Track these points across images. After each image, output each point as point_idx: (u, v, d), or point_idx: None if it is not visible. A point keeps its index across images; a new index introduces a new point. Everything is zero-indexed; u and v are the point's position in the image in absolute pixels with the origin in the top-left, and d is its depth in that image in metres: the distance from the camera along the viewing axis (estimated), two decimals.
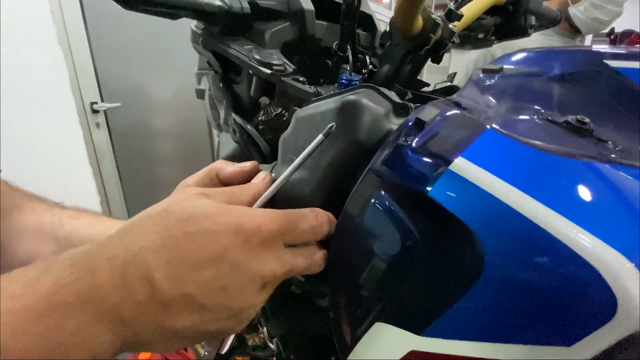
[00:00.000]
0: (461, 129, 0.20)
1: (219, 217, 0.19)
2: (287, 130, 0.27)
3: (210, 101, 0.43)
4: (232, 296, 0.19)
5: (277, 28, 0.36)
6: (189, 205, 0.20)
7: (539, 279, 0.16)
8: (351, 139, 0.23)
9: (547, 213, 0.16)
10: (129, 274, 0.17)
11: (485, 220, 0.17)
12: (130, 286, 0.17)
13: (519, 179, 0.17)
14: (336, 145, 0.24)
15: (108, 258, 0.17)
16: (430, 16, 0.34)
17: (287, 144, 0.27)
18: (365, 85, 0.26)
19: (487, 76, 0.30)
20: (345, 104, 0.24)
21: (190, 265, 0.18)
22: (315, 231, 0.22)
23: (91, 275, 0.16)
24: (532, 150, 0.19)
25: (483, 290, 0.17)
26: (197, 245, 0.18)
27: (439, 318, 0.19)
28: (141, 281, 0.17)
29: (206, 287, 0.18)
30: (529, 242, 0.16)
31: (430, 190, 0.18)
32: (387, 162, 0.20)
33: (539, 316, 0.17)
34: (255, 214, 0.20)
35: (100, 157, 1.52)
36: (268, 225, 0.19)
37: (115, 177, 1.59)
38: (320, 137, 0.23)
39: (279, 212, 0.21)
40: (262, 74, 0.31)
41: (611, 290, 0.15)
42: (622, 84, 0.26)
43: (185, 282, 0.17)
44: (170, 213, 0.19)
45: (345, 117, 0.24)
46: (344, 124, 0.23)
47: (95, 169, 1.51)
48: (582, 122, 0.24)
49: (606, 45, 0.29)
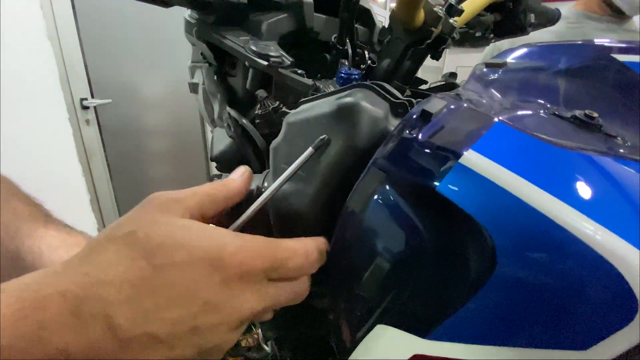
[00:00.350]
0: (469, 122, 0.19)
1: (195, 247, 0.17)
2: (279, 136, 0.24)
3: (204, 95, 0.42)
4: (203, 336, 0.17)
5: (275, 19, 0.35)
6: (159, 229, 0.17)
7: (552, 278, 0.15)
8: (350, 146, 0.22)
9: (562, 208, 0.15)
10: (82, 311, 0.15)
11: (498, 216, 0.16)
12: (83, 325, 0.15)
13: (532, 172, 0.16)
14: (333, 153, 0.22)
15: (60, 292, 0.15)
16: (433, 9, 0.33)
17: (279, 151, 0.24)
18: (361, 84, 0.24)
19: (491, 70, 0.30)
20: (342, 107, 0.22)
21: (156, 303, 0.16)
22: (304, 270, 0.20)
23: (39, 313, 0.14)
24: (543, 144, 0.18)
25: (494, 290, 0.16)
26: (167, 280, 0.16)
27: (446, 320, 0.18)
28: (96, 320, 0.15)
29: (174, 326, 0.16)
30: (543, 239, 0.15)
31: (439, 185, 0.17)
32: (392, 156, 0.19)
33: (552, 318, 0.16)
34: (238, 245, 0.18)
35: (90, 154, 1.48)
36: (251, 261, 0.17)
37: (105, 174, 1.56)
38: (310, 150, 0.21)
39: (266, 246, 0.18)
40: (259, 65, 0.30)
41: (632, 290, 0.14)
42: (631, 79, 0.25)
43: (150, 321, 0.15)
44: (136, 239, 0.16)
45: (342, 122, 0.21)
46: (341, 129, 0.21)
47: (84, 166, 1.47)
48: (590, 117, 0.23)
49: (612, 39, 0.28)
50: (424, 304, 0.19)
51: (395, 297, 0.20)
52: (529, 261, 0.16)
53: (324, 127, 0.22)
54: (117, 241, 0.17)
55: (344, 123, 0.21)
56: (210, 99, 0.41)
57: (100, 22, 1.44)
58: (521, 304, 0.16)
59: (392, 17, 0.35)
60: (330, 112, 0.22)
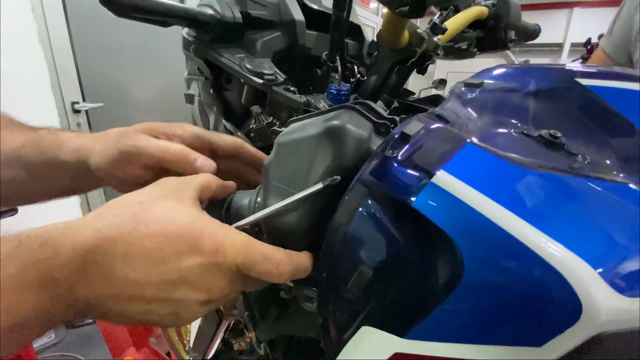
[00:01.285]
0: (443, 143, 0.21)
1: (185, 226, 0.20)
2: (271, 155, 0.26)
3: (199, 106, 0.43)
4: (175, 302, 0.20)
5: (269, 37, 0.37)
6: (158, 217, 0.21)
7: (512, 284, 0.18)
8: (336, 164, 0.24)
9: (519, 224, 0.17)
10: (89, 260, 0.19)
11: (464, 230, 0.18)
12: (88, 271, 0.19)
13: (495, 192, 0.18)
14: (321, 172, 0.24)
15: (73, 244, 0.19)
16: (416, 31, 0.36)
17: (272, 170, 0.26)
18: (346, 106, 0.26)
19: (469, 90, 0.32)
20: (329, 129, 0.24)
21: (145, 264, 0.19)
22: (271, 278, 0.23)
23: (55, 258, 0.18)
24: (507, 164, 0.20)
25: (462, 294, 0.18)
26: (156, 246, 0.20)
27: (422, 321, 0.20)
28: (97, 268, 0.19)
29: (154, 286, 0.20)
30: (504, 251, 0.18)
31: (414, 200, 0.19)
32: (374, 173, 0.22)
33: (513, 318, 0.18)
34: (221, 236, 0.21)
35: None
36: (226, 252, 0.21)
37: None
38: (320, 186, 0.23)
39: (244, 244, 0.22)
40: (254, 83, 0.32)
41: (576, 294, 0.16)
42: (592, 101, 0.28)
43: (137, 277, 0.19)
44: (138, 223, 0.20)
45: (328, 143, 0.23)
46: (328, 150, 0.23)
47: None
48: (554, 137, 0.26)
49: (579, 64, 0.31)
50: (403, 306, 0.21)
51: (377, 300, 0.22)
52: (492, 269, 0.18)
53: (312, 148, 0.24)
54: (128, 208, 0.21)
55: (330, 144, 0.23)
56: (206, 110, 0.42)
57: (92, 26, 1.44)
58: (486, 306, 0.18)
59: (379, 37, 0.38)
60: (318, 133, 0.24)
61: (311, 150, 0.23)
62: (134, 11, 0.27)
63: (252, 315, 0.33)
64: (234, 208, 0.27)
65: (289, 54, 0.40)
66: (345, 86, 0.38)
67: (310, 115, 0.27)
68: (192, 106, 0.45)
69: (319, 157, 0.23)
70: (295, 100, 0.32)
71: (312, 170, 0.23)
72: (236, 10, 0.34)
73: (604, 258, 0.18)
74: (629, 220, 0.20)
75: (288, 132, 0.26)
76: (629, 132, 0.26)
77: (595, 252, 0.18)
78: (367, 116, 0.26)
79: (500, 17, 0.52)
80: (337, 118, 0.24)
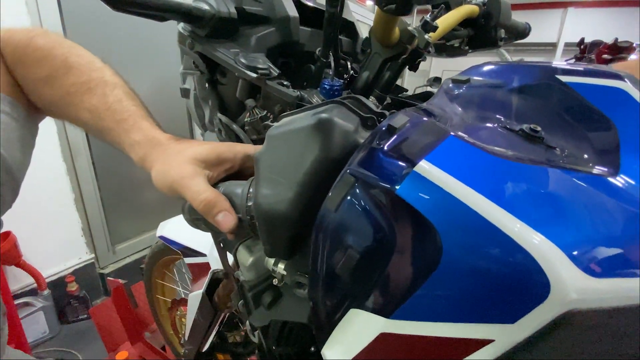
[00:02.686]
0: (427, 135, 0.23)
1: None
2: (262, 148, 0.27)
3: (195, 100, 0.44)
4: None
5: (263, 33, 0.37)
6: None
7: (487, 266, 0.19)
8: (324, 155, 0.25)
9: (495, 210, 0.19)
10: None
11: (444, 216, 0.19)
12: None
13: (474, 181, 0.20)
14: (310, 162, 0.25)
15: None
16: (407, 28, 0.37)
17: (263, 161, 0.27)
18: (335, 101, 0.27)
19: (456, 86, 0.33)
20: (318, 122, 0.25)
21: None
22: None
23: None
24: (487, 155, 0.22)
25: (441, 276, 0.20)
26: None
27: (405, 302, 0.21)
28: None
29: None
30: (480, 235, 0.19)
31: (398, 189, 0.20)
32: (362, 163, 0.23)
33: (488, 298, 0.19)
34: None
35: (75, 153, 1.47)
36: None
37: (90, 174, 1.54)
38: None
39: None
40: (248, 77, 0.33)
41: (545, 274, 0.18)
42: (571, 97, 0.29)
43: None
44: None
45: (317, 135, 0.24)
46: (317, 142, 0.24)
47: (69, 165, 1.46)
48: (534, 131, 0.27)
49: (562, 62, 0.32)
50: (388, 289, 0.22)
51: (364, 284, 0.23)
52: (468, 252, 0.19)
53: (302, 140, 0.25)
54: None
55: (319, 136, 0.24)
56: (201, 104, 0.43)
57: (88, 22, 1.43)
58: (462, 287, 0.20)
59: (371, 34, 0.39)
60: (307, 126, 0.25)
61: (301, 142, 0.24)
62: (131, 5, 0.28)
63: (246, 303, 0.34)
64: (225, 195, 0.29)
65: (283, 49, 0.40)
66: (338, 82, 0.39)
67: (301, 110, 0.28)
68: (188, 100, 0.46)
69: (308, 148, 0.24)
70: (288, 94, 0.33)
71: (302, 161, 0.24)
72: (231, 6, 0.34)
73: (576, 243, 0.19)
74: (601, 209, 0.21)
75: (279, 125, 0.27)
76: (605, 127, 0.27)
77: (567, 238, 0.19)
78: (354, 110, 0.27)
79: (491, 15, 0.53)
80: (326, 112, 0.25)
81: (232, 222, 0.29)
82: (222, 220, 0.29)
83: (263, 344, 0.40)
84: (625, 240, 0.20)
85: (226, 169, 0.32)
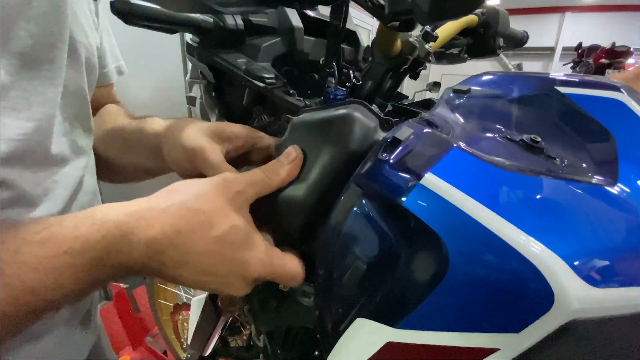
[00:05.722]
0: (431, 147, 0.23)
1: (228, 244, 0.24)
2: (284, 136, 0.28)
3: (201, 108, 0.45)
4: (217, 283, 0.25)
5: (269, 43, 0.38)
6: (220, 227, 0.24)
7: (493, 277, 0.19)
8: (344, 147, 0.26)
9: (500, 222, 0.19)
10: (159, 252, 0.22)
11: (450, 228, 0.20)
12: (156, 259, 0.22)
13: (478, 193, 0.20)
14: (330, 152, 0.26)
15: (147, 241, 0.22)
16: (408, 40, 0.38)
17: (284, 148, 0.28)
18: (356, 101, 0.29)
19: (457, 96, 0.34)
20: (340, 116, 0.26)
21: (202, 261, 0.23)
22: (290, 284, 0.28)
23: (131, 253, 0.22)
24: (489, 167, 0.22)
25: (448, 287, 0.20)
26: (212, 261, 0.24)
27: (412, 312, 0.22)
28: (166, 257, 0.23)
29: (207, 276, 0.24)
30: (485, 246, 0.19)
31: (405, 200, 0.21)
32: (368, 175, 0.23)
33: (494, 308, 0.20)
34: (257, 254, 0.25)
35: None
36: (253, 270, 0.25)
37: None
38: None
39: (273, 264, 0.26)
40: (256, 87, 0.34)
41: (549, 285, 0.18)
42: (569, 108, 0.30)
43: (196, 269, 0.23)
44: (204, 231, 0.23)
45: (339, 127, 0.26)
46: (337, 134, 0.26)
47: None
48: (534, 141, 0.28)
49: (561, 73, 0.33)
50: (395, 299, 0.23)
51: (371, 294, 0.24)
52: (474, 263, 0.20)
53: (325, 131, 0.26)
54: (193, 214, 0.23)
55: (341, 129, 0.25)
56: (207, 112, 0.44)
57: None
58: (469, 297, 0.20)
59: (373, 45, 0.40)
60: (329, 118, 0.26)
61: (322, 133, 0.25)
62: (143, 20, 0.28)
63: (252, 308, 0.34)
64: None
65: (287, 58, 0.41)
66: (342, 91, 0.40)
67: (322, 107, 0.29)
68: (194, 107, 0.46)
69: (330, 139, 0.25)
70: (294, 103, 0.34)
71: (322, 150, 0.26)
72: (238, 18, 0.35)
73: (577, 253, 0.19)
74: (602, 219, 0.22)
75: (301, 117, 0.28)
76: (603, 137, 0.28)
77: (569, 248, 0.20)
78: (373, 112, 0.28)
79: (489, 25, 0.54)
80: (349, 108, 0.26)
81: None
82: None
83: (268, 347, 0.40)
84: (625, 249, 0.20)
85: (236, 146, 0.32)
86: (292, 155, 0.27)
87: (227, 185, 0.25)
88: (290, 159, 0.27)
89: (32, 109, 0.25)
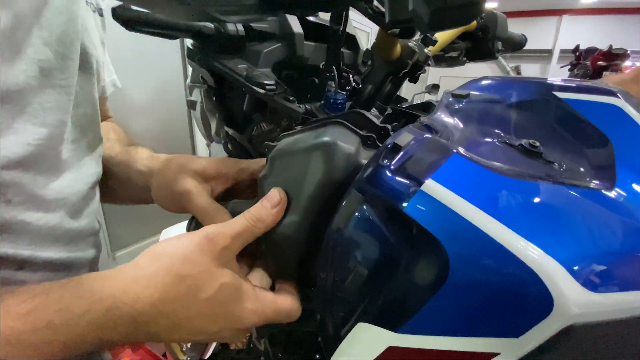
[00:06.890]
0: (431, 153, 0.23)
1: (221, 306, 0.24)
2: (265, 169, 0.28)
3: (202, 112, 0.45)
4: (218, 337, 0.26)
5: (269, 49, 0.38)
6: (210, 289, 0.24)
7: (492, 282, 0.20)
8: (327, 178, 0.25)
9: (499, 228, 0.20)
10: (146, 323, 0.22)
11: (450, 233, 0.20)
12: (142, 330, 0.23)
13: (478, 198, 0.20)
14: (312, 185, 0.25)
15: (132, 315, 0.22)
16: (408, 45, 0.38)
17: (267, 183, 0.27)
18: (334, 122, 0.28)
19: (456, 101, 0.34)
20: (320, 145, 0.25)
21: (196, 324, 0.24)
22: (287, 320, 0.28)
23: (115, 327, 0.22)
24: (489, 172, 0.22)
25: (448, 292, 0.20)
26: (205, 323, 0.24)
27: (412, 317, 0.22)
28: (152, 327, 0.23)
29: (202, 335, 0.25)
30: (485, 252, 0.20)
31: (406, 206, 0.21)
32: (369, 181, 0.23)
33: (494, 312, 0.20)
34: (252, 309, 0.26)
35: None
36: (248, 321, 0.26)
37: None
38: None
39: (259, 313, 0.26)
40: (256, 93, 0.34)
41: (548, 290, 0.19)
42: (568, 113, 0.30)
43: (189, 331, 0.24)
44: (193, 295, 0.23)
45: (320, 158, 0.25)
46: (319, 165, 0.25)
47: None
48: (533, 146, 0.28)
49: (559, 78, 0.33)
50: (396, 303, 0.23)
51: (372, 298, 0.24)
52: (474, 268, 0.20)
53: (304, 163, 0.25)
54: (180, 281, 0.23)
55: (321, 159, 0.25)
56: (208, 116, 0.44)
57: None
58: (469, 302, 0.20)
59: (373, 49, 0.40)
60: (309, 148, 0.25)
61: (303, 164, 0.25)
62: (144, 26, 0.29)
63: None
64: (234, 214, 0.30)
65: (288, 63, 0.42)
66: (342, 95, 0.40)
67: (301, 130, 0.29)
68: (194, 112, 0.47)
69: (311, 171, 0.25)
70: (294, 110, 0.34)
71: (306, 185, 0.25)
72: (239, 24, 0.36)
73: (576, 258, 0.20)
74: (600, 223, 0.22)
75: (281, 147, 0.27)
76: (601, 142, 0.28)
77: (568, 253, 0.20)
78: (354, 130, 0.27)
79: (488, 28, 0.55)
80: (327, 134, 0.26)
81: None
82: None
83: (269, 351, 0.40)
84: (623, 253, 0.21)
85: (223, 182, 0.33)
86: (275, 199, 0.26)
87: (211, 243, 0.25)
88: (274, 203, 0.26)
89: (46, 115, 0.26)
